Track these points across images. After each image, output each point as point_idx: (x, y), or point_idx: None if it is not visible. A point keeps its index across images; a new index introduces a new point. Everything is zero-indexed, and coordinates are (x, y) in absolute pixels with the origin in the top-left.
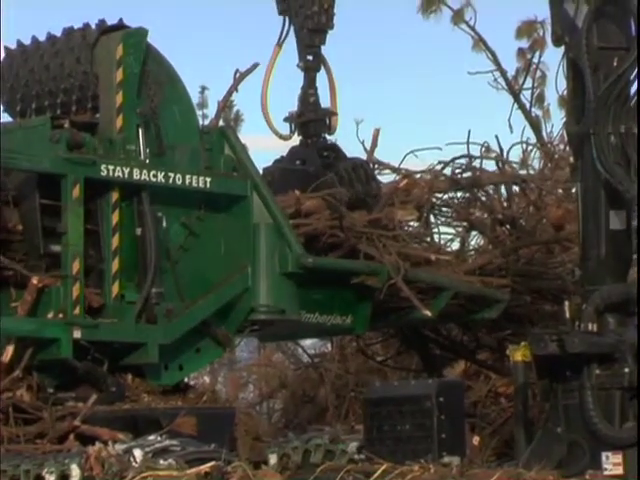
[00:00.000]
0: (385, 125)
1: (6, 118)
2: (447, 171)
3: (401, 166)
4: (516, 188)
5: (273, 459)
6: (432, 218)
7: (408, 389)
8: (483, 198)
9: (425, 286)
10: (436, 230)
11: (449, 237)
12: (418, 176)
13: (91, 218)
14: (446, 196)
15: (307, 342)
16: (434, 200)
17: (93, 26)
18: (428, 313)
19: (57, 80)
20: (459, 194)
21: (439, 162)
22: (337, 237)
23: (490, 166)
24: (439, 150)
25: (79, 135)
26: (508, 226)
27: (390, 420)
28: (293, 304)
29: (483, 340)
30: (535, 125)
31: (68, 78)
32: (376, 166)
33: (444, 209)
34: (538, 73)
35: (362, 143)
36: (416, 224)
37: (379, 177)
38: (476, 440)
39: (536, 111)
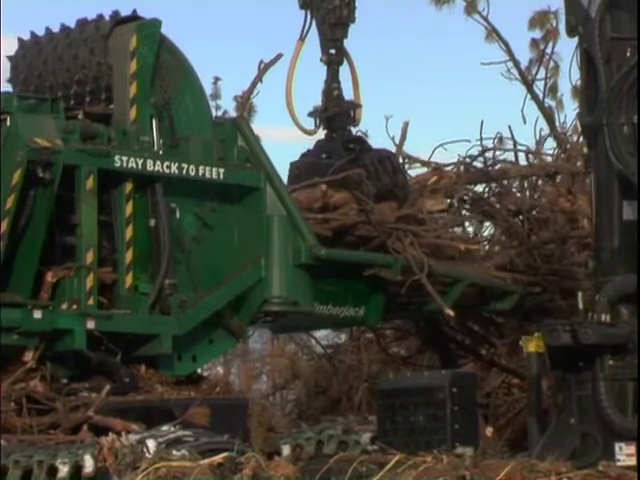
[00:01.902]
0: (400, 118)
1: None
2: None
3: (431, 159)
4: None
5: (286, 450)
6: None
7: (421, 380)
8: (514, 190)
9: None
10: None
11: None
12: (448, 168)
13: (105, 209)
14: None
15: (320, 333)
16: (463, 191)
17: (107, 17)
18: (451, 312)
19: (71, 71)
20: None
21: (468, 155)
22: (367, 230)
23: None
24: (467, 142)
25: (93, 126)
26: (521, 217)
27: (403, 411)
28: (306, 295)
29: (509, 335)
30: (548, 116)
31: (82, 69)
32: (406, 160)
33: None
34: (551, 64)
35: (392, 139)
36: (445, 214)
37: (409, 171)
38: (489, 431)
39: (549, 102)
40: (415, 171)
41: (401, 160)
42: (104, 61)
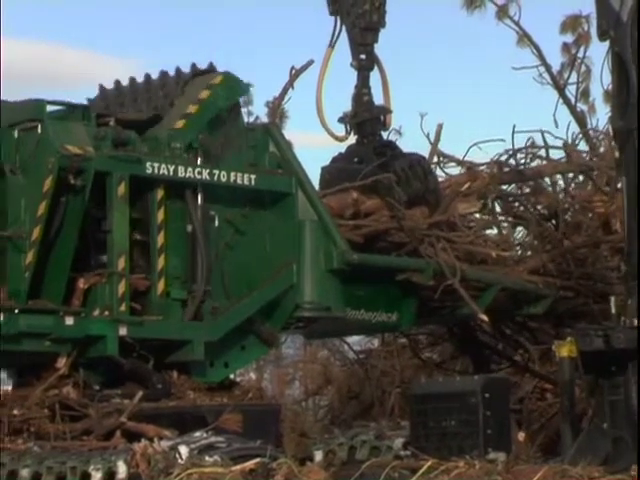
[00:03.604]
0: (434, 118)
1: None
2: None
3: (465, 158)
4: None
5: (319, 455)
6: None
7: (454, 385)
8: (549, 189)
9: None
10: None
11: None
12: (482, 168)
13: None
14: (510, 188)
15: (353, 339)
16: (498, 191)
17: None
18: (484, 317)
19: (142, 113)
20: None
21: (505, 152)
22: (398, 236)
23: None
24: (502, 142)
25: (124, 133)
26: (554, 221)
27: (436, 416)
28: (338, 301)
29: (542, 340)
30: (580, 120)
31: (153, 110)
32: (441, 158)
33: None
34: (583, 68)
35: (427, 136)
36: (478, 215)
37: (444, 170)
38: (522, 436)
39: (581, 106)
40: (449, 169)
41: (435, 159)
42: (171, 101)
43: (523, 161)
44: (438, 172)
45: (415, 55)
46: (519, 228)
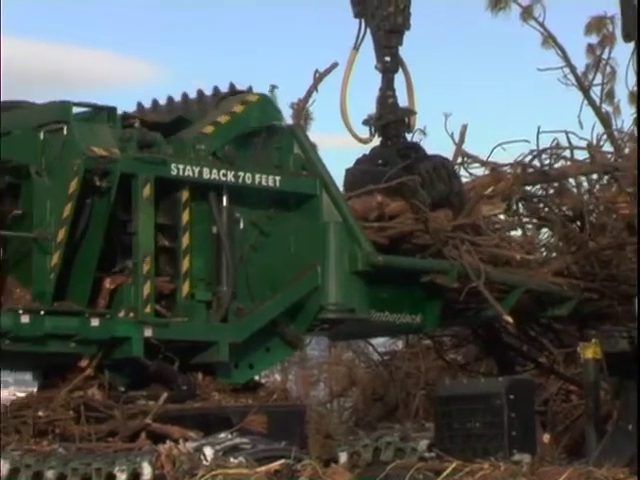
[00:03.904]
0: (459, 118)
1: None
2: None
3: (489, 159)
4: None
5: (343, 457)
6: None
7: (478, 387)
8: (574, 190)
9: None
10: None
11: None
12: (506, 169)
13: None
14: (534, 189)
15: (377, 340)
16: (522, 192)
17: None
18: (509, 319)
19: None
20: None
21: (529, 152)
22: (423, 238)
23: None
24: (526, 142)
25: (149, 134)
26: (579, 223)
27: (460, 418)
28: (363, 303)
29: (567, 342)
30: (605, 121)
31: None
32: (465, 159)
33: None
34: (608, 69)
35: (451, 136)
36: (503, 216)
37: (468, 170)
38: (546, 438)
39: (606, 107)
40: (473, 169)
41: (459, 159)
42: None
43: (548, 162)
44: (462, 172)
45: (440, 56)
46: (544, 230)
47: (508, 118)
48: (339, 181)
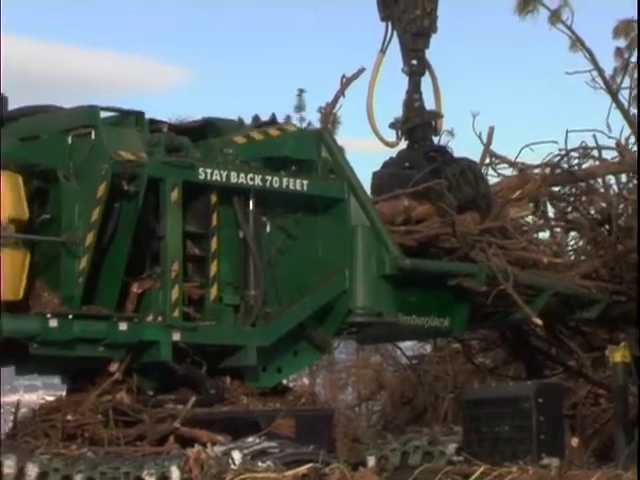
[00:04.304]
0: (487, 119)
1: None
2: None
3: (517, 160)
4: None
5: (371, 461)
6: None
7: (506, 391)
8: (601, 190)
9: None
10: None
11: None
12: (535, 170)
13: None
14: (562, 190)
15: (405, 344)
16: (550, 193)
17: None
18: (539, 321)
19: None
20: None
21: (557, 153)
22: (450, 242)
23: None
24: (554, 143)
25: (177, 139)
26: (607, 226)
27: (488, 421)
28: (390, 306)
29: (597, 344)
30: (633, 124)
31: None
32: (492, 159)
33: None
34: (636, 72)
35: (479, 136)
36: (530, 218)
37: (496, 170)
38: (575, 441)
39: (634, 110)
40: (501, 169)
41: (487, 160)
42: None
43: (576, 162)
44: (490, 172)
45: (469, 59)
46: (572, 233)
47: (537, 120)
48: (367, 184)
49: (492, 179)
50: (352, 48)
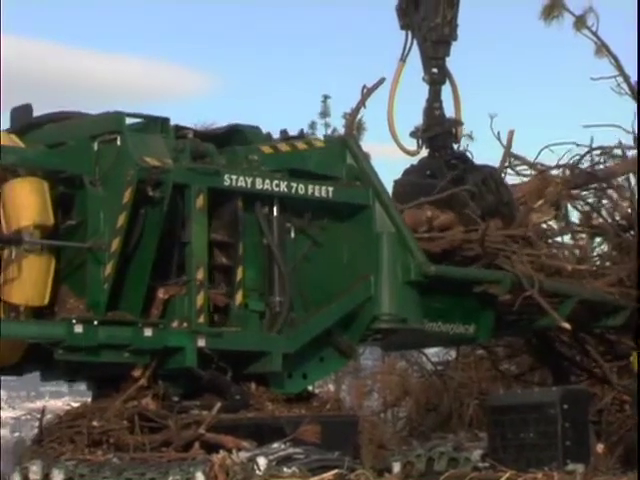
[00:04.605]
0: (507, 127)
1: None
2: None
3: (536, 161)
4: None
5: (397, 467)
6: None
7: (532, 397)
8: (625, 194)
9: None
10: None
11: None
12: (554, 171)
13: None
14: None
15: (431, 350)
16: (571, 196)
17: None
18: (567, 325)
19: None
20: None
21: (576, 153)
22: (473, 250)
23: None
24: (575, 145)
25: (202, 145)
26: (632, 232)
27: (514, 428)
28: (416, 313)
29: (622, 351)
30: None
31: None
32: (511, 159)
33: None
34: None
35: (497, 136)
36: (553, 222)
37: (515, 169)
38: (600, 448)
39: None
40: (520, 168)
41: (507, 162)
42: None
43: (597, 160)
44: (509, 172)
45: (493, 65)
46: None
47: (562, 125)
48: (390, 191)
49: (511, 179)
50: (377, 54)
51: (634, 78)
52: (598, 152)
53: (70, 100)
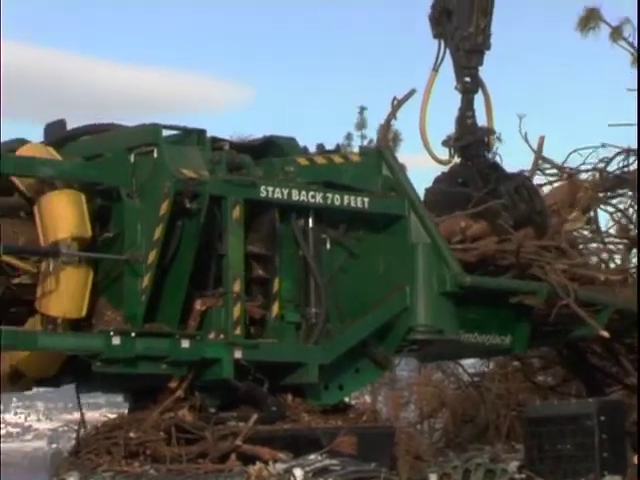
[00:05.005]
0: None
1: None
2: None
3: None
4: None
5: (433, 478)
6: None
7: (569, 408)
8: None
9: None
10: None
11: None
12: (584, 176)
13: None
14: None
15: (467, 361)
16: (600, 201)
17: None
18: (606, 334)
19: None
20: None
21: (605, 156)
22: (507, 259)
23: None
24: (603, 147)
25: (238, 157)
26: None
27: (551, 439)
28: (451, 323)
29: None
30: None
31: None
32: (540, 162)
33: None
34: None
35: (525, 137)
36: (585, 228)
37: (544, 173)
38: (637, 459)
39: None
40: (548, 170)
41: (537, 167)
42: None
43: (625, 163)
44: (538, 175)
45: (530, 75)
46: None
47: (598, 136)
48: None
49: (539, 179)
50: (413, 65)
51: None
52: (624, 155)
53: (103, 114)
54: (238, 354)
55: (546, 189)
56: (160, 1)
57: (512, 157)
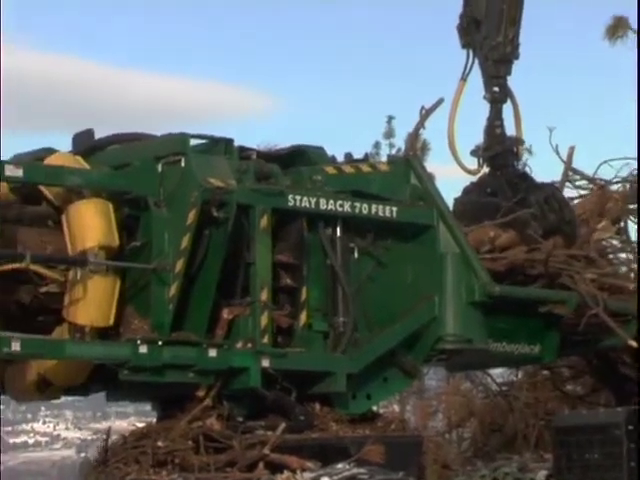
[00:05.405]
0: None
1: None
2: None
3: (595, 175)
4: None
5: None
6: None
7: (597, 418)
8: None
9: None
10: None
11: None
12: (613, 187)
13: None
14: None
15: (496, 371)
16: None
17: None
18: (634, 344)
19: None
20: None
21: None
22: (535, 269)
23: None
24: (633, 160)
25: (266, 166)
26: None
27: (579, 448)
28: (480, 333)
29: None
30: None
31: None
32: (570, 173)
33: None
34: None
35: (556, 149)
36: (614, 238)
37: (574, 184)
38: None
39: None
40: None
41: (567, 178)
42: None
43: None
44: (567, 185)
45: (557, 83)
46: None
47: (627, 147)
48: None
49: (569, 192)
50: (441, 74)
51: None
52: None
53: (131, 123)
54: (266, 363)
55: (576, 202)
56: (189, 11)
57: (542, 168)
